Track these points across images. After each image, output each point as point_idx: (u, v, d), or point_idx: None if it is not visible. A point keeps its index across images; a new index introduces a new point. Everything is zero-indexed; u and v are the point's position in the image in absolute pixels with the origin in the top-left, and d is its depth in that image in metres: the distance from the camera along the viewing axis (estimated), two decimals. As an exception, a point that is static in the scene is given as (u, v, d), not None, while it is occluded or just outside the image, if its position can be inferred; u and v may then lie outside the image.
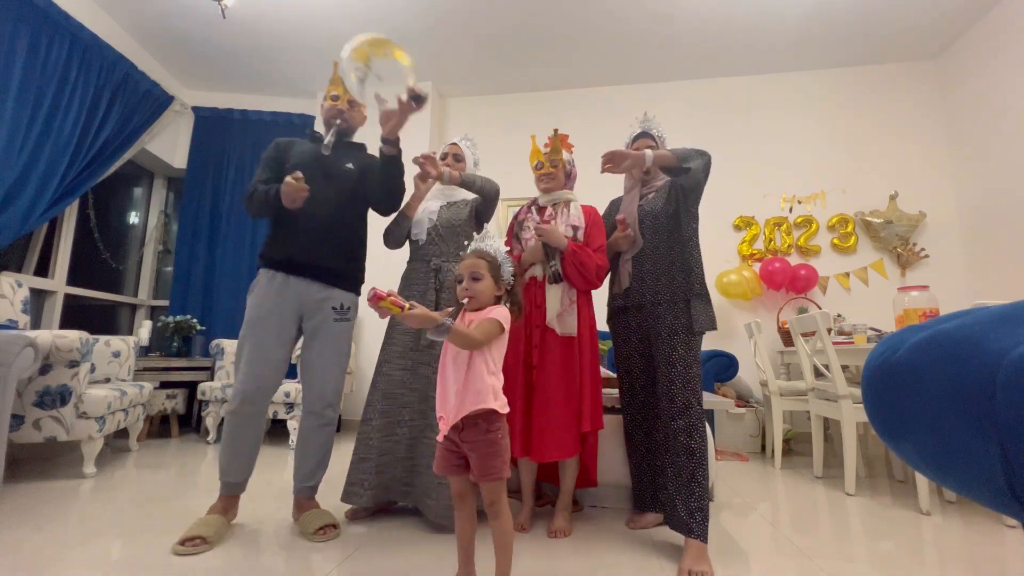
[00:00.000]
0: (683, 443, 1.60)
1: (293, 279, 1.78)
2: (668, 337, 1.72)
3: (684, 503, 1.56)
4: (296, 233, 1.79)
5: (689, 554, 1.49)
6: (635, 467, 1.91)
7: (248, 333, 1.75)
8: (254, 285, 1.81)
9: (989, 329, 0.37)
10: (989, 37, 3.48)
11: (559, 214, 1.93)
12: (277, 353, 1.76)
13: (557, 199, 1.97)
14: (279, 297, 1.77)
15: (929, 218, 3.81)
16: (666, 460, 1.65)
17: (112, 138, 3.48)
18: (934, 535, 1.83)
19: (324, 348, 1.82)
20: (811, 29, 3.65)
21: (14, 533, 1.67)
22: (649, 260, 1.82)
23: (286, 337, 1.78)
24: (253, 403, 1.72)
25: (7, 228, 2.80)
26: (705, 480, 1.58)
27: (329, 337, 1.82)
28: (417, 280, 1.98)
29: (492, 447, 1.21)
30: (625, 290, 1.87)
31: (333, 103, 1.92)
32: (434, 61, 4.05)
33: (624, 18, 3.56)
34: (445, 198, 2.11)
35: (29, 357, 2.04)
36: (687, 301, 1.72)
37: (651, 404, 1.84)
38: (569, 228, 1.88)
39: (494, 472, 1.21)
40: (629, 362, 1.89)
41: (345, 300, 1.87)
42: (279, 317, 1.76)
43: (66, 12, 3.11)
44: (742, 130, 4.12)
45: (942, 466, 0.40)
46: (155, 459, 2.86)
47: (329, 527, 1.69)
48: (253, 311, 1.76)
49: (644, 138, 1.94)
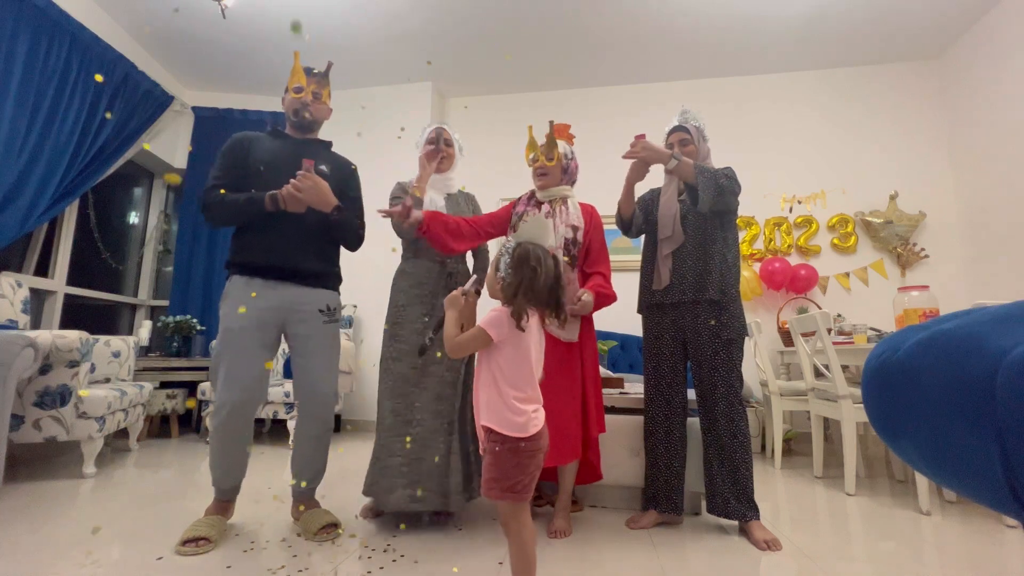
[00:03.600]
0: (727, 440, 1.75)
1: (273, 284, 1.69)
2: (709, 340, 1.78)
3: (733, 492, 1.75)
4: (272, 237, 1.68)
5: (754, 532, 1.69)
6: (650, 465, 1.90)
7: (228, 343, 1.64)
8: (226, 294, 1.69)
9: (989, 329, 0.37)
10: (989, 37, 3.48)
11: (557, 212, 1.86)
12: (260, 360, 1.66)
13: (554, 195, 1.89)
14: (260, 303, 1.66)
15: (929, 218, 3.81)
16: (711, 454, 1.79)
17: (112, 138, 3.48)
18: (934, 535, 1.83)
19: (317, 352, 1.74)
20: (811, 29, 3.64)
21: (14, 533, 1.67)
22: (691, 258, 1.82)
23: (270, 344, 1.70)
24: (242, 416, 1.64)
25: (7, 228, 2.80)
26: (749, 470, 1.76)
27: (321, 341, 1.75)
28: (428, 280, 1.92)
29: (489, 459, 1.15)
30: (665, 288, 1.86)
31: (296, 95, 1.79)
32: (434, 61, 4.04)
33: (624, 18, 3.55)
34: (444, 189, 2.02)
35: (29, 357, 2.04)
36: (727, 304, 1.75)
37: (676, 403, 1.85)
38: (568, 229, 1.83)
39: (489, 488, 1.15)
40: (658, 359, 1.89)
41: (331, 301, 1.80)
42: (261, 324, 1.66)
43: (66, 12, 3.10)
44: (742, 130, 4.12)
45: (942, 466, 0.40)
46: (155, 459, 2.86)
47: (331, 527, 1.68)
48: (231, 320, 1.64)
49: (679, 132, 1.92)
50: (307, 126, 1.84)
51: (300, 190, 1.61)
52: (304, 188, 1.61)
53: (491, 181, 4.10)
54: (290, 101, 1.81)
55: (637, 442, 2.01)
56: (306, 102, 1.80)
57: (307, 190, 1.61)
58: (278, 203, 1.63)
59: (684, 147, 1.90)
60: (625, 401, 2.13)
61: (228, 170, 1.72)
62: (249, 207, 1.64)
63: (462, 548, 1.62)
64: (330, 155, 1.88)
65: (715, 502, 1.79)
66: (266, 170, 1.72)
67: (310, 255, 1.74)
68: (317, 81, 1.81)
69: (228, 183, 1.69)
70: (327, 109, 1.88)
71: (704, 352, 1.79)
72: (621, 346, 3.78)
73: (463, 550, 1.60)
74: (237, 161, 1.73)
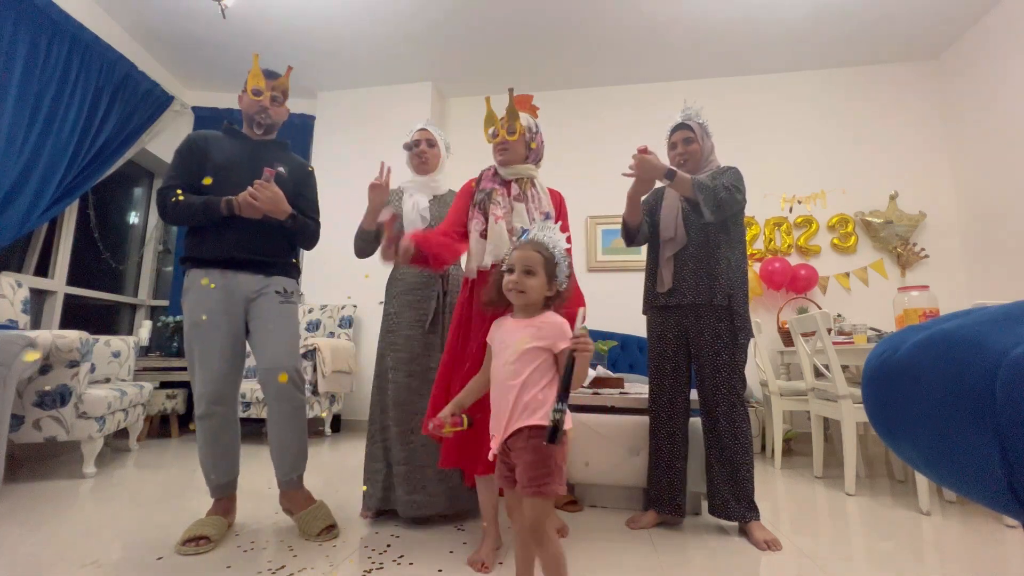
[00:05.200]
0: (728, 441, 1.76)
1: (230, 274, 1.71)
2: (712, 341, 1.78)
3: (733, 493, 1.75)
4: (228, 232, 1.69)
5: (754, 532, 1.70)
6: (653, 466, 1.90)
7: (195, 335, 1.66)
8: (187, 289, 1.71)
9: (989, 329, 0.37)
10: (989, 37, 3.48)
11: (527, 195, 1.68)
12: (231, 348, 1.69)
13: (520, 174, 1.69)
14: (221, 292, 1.68)
15: (929, 218, 3.81)
16: (712, 455, 1.80)
17: (112, 138, 3.48)
18: (934, 535, 1.83)
19: (275, 329, 1.73)
20: (811, 29, 3.64)
21: (14, 533, 1.68)
22: (693, 260, 1.82)
23: (237, 331, 1.72)
24: (221, 403, 1.67)
25: (7, 228, 2.80)
26: (750, 471, 1.77)
27: (279, 318, 1.75)
28: (421, 284, 1.91)
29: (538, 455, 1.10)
30: (668, 290, 1.87)
31: (256, 98, 1.79)
32: (434, 61, 4.04)
33: (624, 18, 3.55)
34: (430, 191, 2.00)
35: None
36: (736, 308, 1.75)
37: (678, 404, 1.86)
38: (541, 216, 1.67)
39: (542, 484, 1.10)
40: (661, 360, 1.89)
41: (288, 285, 1.81)
42: (226, 310, 1.69)
43: (66, 12, 3.10)
44: (742, 130, 4.12)
45: (942, 466, 0.40)
46: (155, 459, 2.86)
47: (330, 528, 1.69)
48: (195, 312, 1.67)
49: (682, 129, 1.91)
50: (265, 128, 1.86)
51: (257, 199, 1.63)
52: (261, 198, 1.64)
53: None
54: (248, 103, 1.82)
55: (637, 442, 2.01)
56: (264, 106, 1.81)
57: (264, 200, 1.64)
58: (234, 209, 1.65)
59: (688, 145, 1.90)
60: (625, 401, 2.13)
61: (185, 170, 1.73)
62: (206, 212, 1.67)
63: (462, 548, 1.62)
64: (287, 156, 1.90)
65: (715, 503, 1.79)
66: (223, 171, 1.73)
67: (264, 247, 1.76)
68: (275, 85, 1.83)
69: (184, 183, 1.71)
70: (285, 111, 1.91)
71: (707, 353, 1.79)
72: (621, 346, 3.78)
73: (463, 550, 1.60)
74: (194, 161, 1.75)
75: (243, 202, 1.63)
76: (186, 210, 1.67)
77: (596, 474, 2.04)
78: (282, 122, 1.91)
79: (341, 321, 3.95)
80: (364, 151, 4.19)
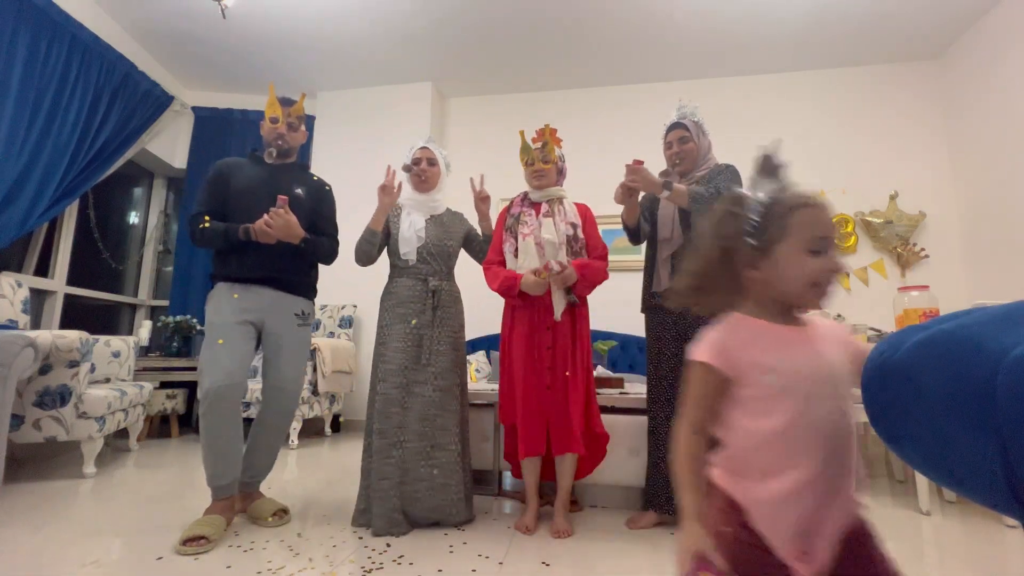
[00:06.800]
0: None
1: (255, 288, 1.85)
2: None
3: None
4: (250, 254, 1.84)
5: None
6: (652, 465, 1.90)
7: (211, 335, 1.77)
8: (211, 296, 1.85)
9: (989, 329, 0.37)
10: (989, 37, 3.48)
11: (555, 212, 1.92)
12: (242, 348, 1.77)
13: (551, 195, 1.97)
14: (241, 301, 1.82)
15: (929, 218, 3.81)
16: None
17: (112, 138, 3.47)
18: (934, 535, 1.83)
19: (287, 352, 1.88)
20: (811, 29, 3.64)
21: (14, 533, 1.68)
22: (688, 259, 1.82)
23: (250, 336, 1.83)
24: (225, 398, 1.70)
25: (7, 228, 2.80)
26: None
27: (292, 342, 1.90)
28: (412, 298, 1.91)
29: None
30: (665, 289, 1.87)
31: (273, 126, 1.94)
32: (434, 61, 4.04)
33: (624, 18, 3.55)
34: (428, 210, 2.02)
35: (29, 357, 2.04)
36: None
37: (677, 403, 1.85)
38: (569, 226, 1.90)
39: None
40: (659, 359, 1.89)
41: (305, 307, 1.96)
42: (243, 317, 1.81)
43: (66, 12, 3.10)
44: (742, 130, 4.10)
45: (942, 466, 0.40)
46: (155, 459, 2.86)
47: (281, 512, 1.81)
48: (214, 316, 1.80)
49: (677, 128, 1.92)
50: (284, 153, 1.98)
51: (271, 227, 1.76)
52: (275, 225, 1.77)
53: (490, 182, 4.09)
54: (268, 130, 1.96)
55: (637, 442, 2.01)
56: (281, 132, 1.95)
57: (278, 228, 1.77)
58: (250, 236, 1.80)
59: (683, 144, 1.90)
60: (625, 401, 2.13)
61: (210, 196, 1.91)
62: (226, 238, 1.83)
63: (462, 548, 1.62)
64: (306, 177, 2.03)
65: None
66: (244, 196, 1.89)
67: (290, 267, 1.91)
68: (291, 111, 1.98)
69: (211, 209, 1.88)
70: (303, 135, 2.05)
71: None
72: (621, 346, 3.78)
73: (463, 550, 1.60)
74: (219, 188, 1.92)
75: (258, 229, 1.78)
76: (211, 236, 1.84)
77: (596, 474, 2.03)
78: (299, 145, 2.04)
79: (341, 321, 3.95)
80: (364, 151, 4.19)
